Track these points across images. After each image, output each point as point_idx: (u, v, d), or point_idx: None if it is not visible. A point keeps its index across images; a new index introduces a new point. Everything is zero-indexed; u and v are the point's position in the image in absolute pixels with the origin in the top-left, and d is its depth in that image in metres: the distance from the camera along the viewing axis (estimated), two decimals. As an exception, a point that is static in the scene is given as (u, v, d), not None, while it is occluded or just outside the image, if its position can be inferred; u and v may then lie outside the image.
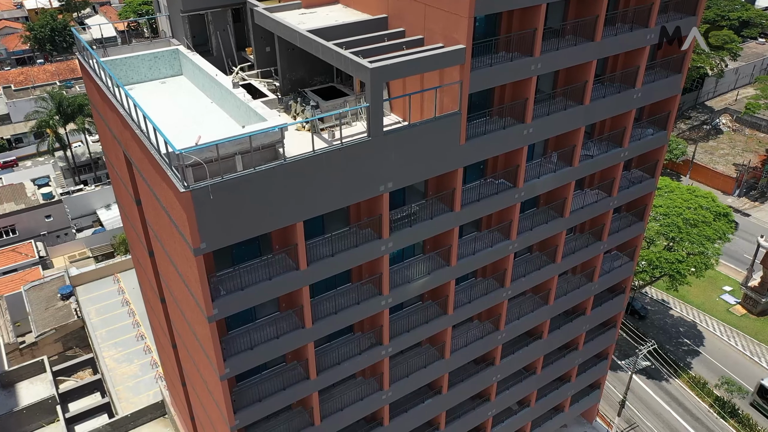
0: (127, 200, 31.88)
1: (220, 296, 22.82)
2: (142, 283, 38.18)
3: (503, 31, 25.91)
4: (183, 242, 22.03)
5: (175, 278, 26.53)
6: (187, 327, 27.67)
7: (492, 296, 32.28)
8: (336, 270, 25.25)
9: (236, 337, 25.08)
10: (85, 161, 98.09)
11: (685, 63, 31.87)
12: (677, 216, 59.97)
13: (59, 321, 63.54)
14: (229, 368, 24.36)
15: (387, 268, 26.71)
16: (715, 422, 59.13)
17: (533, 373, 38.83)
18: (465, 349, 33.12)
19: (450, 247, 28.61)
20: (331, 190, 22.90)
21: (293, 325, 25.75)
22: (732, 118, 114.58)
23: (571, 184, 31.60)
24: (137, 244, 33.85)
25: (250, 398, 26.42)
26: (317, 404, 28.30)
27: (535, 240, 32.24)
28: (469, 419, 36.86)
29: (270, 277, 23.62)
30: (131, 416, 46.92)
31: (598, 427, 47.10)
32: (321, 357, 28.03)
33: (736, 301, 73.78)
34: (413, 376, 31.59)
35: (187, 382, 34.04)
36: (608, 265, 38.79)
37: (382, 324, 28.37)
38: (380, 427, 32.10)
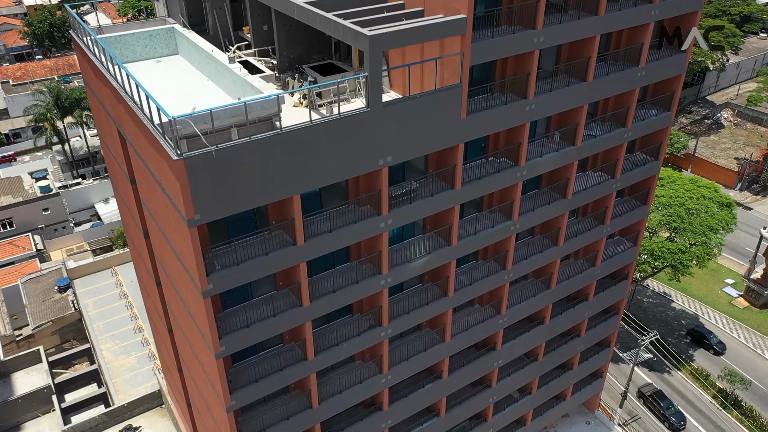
0: (122, 181, 31.34)
1: (215, 271, 22.27)
2: (138, 267, 37.64)
3: (505, 3, 25.36)
4: (177, 215, 21.49)
5: (170, 257, 25.99)
6: (182, 307, 27.12)
7: (493, 279, 31.73)
8: (334, 246, 24.70)
9: (232, 315, 24.53)
10: (84, 155, 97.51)
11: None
12: (679, 206, 59.41)
13: (56, 313, 63.02)
14: (225, 346, 23.81)
15: (386, 246, 26.16)
16: (717, 414, 58.58)
17: (535, 360, 38.28)
18: (466, 333, 32.57)
19: (450, 227, 28.06)
20: (328, 162, 22.35)
21: (290, 303, 25.19)
22: (733, 113, 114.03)
23: (573, 165, 31.05)
24: (133, 227, 33.31)
25: (246, 379, 25.88)
26: (315, 386, 27.75)
27: (537, 221, 31.70)
28: (470, 406, 36.31)
29: (266, 252, 23.07)
30: (128, 406, 46.38)
31: (600, 417, 46.54)
32: (319, 338, 27.47)
33: (738, 293, 73.23)
34: (413, 360, 31.03)
35: (184, 367, 33.49)
36: (611, 250, 38.25)
37: (381, 304, 27.82)
38: (380, 411, 31.53)
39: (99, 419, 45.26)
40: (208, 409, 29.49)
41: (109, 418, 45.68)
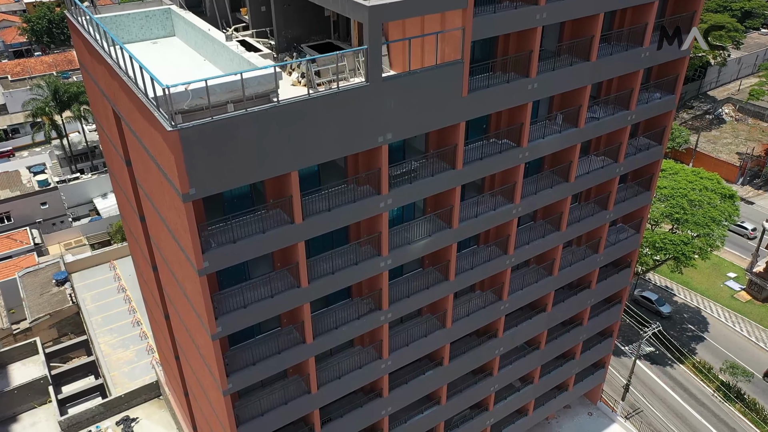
0: (118, 164, 30.86)
1: (210, 248, 21.78)
2: (135, 253, 37.17)
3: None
4: (172, 191, 21.01)
5: (165, 238, 25.50)
6: (178, 289, 26.64)
7: (495, 263, 31.24)
8: (333, 226, 24.20)
9: (228, 296, 24.04)
10: (82, 150, 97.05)
11: (694, 22, 30.83)
12: (682, 197, 58.93)
13: (54, 307, 62.55)
14: (221, 327, 23.32)
15: (386, 227, 25.67)
16: (720, 407, 58.11)
17: (537, 348, 37.78)
18: (467, 319, 32.07)
19: (451, 208, 27.57)
20: (327, 138, 21.87)
21: (288, 284, 24.70)
22: (735, 108, 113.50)
23: (576, 147, 30.58)
24: (129, 211, 32.84)
25: (243, 362, 25.39)
26: (314, 371, 27.25)
27: (539, 205, 31.22)
28: (471, 394, 35.81)
29: (263, 230, 22.58)
30: (125, 397, 45.88)
31: (602, 408, 46.04)
32: (318, 321, 26.98)
33: (740, 287, 72.78)
34: (413, 345, 30.54)
35: (181, 354, 32.99)
36: (614, 237, 37.76)
37: (381, 287, 27.32)
38: (379, 398, 31.04)
39: (96, 410, 44.76)
40: (205, 394, 28.99)
41: (106, 410, 45.19)
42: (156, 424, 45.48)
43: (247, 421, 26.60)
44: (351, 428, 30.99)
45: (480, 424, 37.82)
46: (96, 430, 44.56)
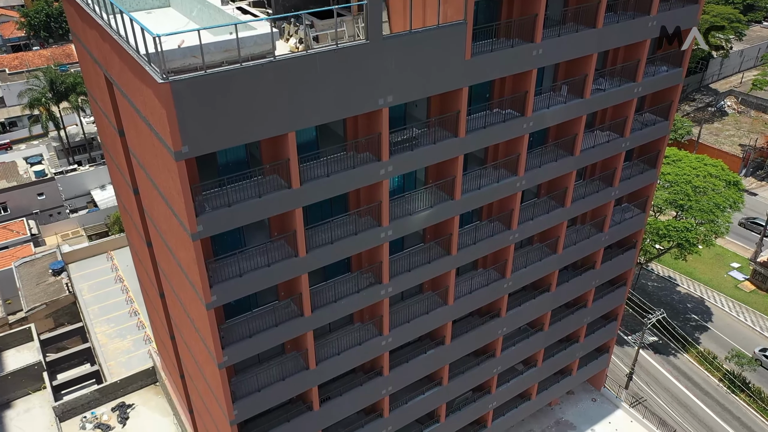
0: (111, 135, 30.09)
1: (204, 212, 21.00)
2: (129, 232, 36.40)
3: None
4: (164, 152, 20.23)
5: (159, 208, 24.73)
6: (173, 263, 25.86)
7: (498, 239, 30.47)
8: (331, 192, 23.42)
9: (223, 265, 23.25)
10: (80, 142, 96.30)
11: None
12: (686, 183, 58.14)
13: (50, 296, 61.83)
14: (216, 296, 22.54)
15: (387, 196, 24.88)
16: (726, 396, 57.35)
17: (540, 330, 37.00)
18: (469, 296, 31.29)
19: (453, 179, 26.79)
20: (325, 98, 21.09)
21: (286, 253, 23.92)
22: (737, 100, 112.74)
23: (581, 119, 29.81)
24: (123, 186, 32.07)
25: (239, 334, 24.59)
26: (312, 346, 26.45)
27: (543, 178, 30.44)
28: (473, 376, 35.01)
29: (260, 194, 21.80)
30: (121, 383, 45.07)
31: (606, 394, 45.25)
32: (316, 295, 26.21)
33: (744, 277, 72.04)
34: (415, 322, 29.75)
35: (176, 332, 32.20)
36: (619, 216, 37.00)
37: (381, 260, 26.54)
38: (380, 377, 30.24)
39: (91, 396, 43.96)
40: (201, 371, 28.19)
41: (102, 395, 44.39)
42: (152, 410, 44.69)
43: (243, 397, 25.81)
44: (351, 407, 30.22)
45: (482, 407, 37.03)
46: (91, 416, 43.77)
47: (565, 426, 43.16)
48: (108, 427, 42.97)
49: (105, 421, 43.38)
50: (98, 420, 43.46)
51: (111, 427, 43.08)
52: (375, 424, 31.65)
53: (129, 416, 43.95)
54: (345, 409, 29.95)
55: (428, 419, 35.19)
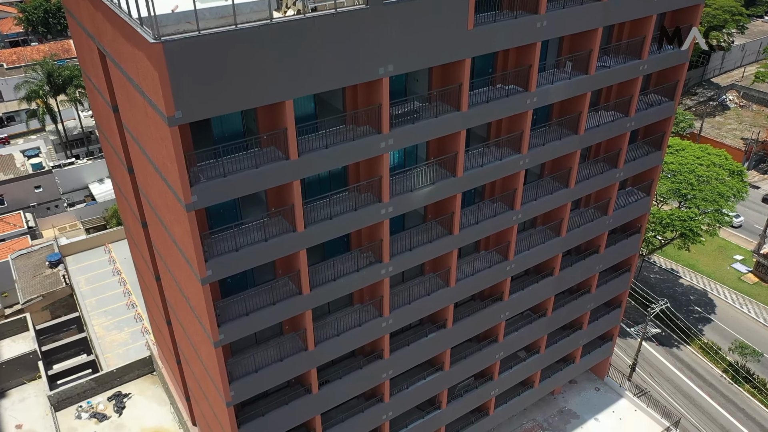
0: (105, 114, 29.45)
1: (199, 182, 20.36)
2: (124, 215, 35.76)
3: None
4: (157, 119, 19.58)
5: (154, 183, 24.09)
6: (168, 243, 25.22)
7: (501, 219, 29.83)
8: (330, 165, 22.80)
9: (220, 240, 22.61)
10: (77, 135, 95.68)
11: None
12: (689, 173, 57.52)
13: (47, 288, 61.18)
14: (211, 270, 21.88)
15: (387, 170, 24.24)
16: (729, 387, 56.73)
17: (543, 315, 36.34)
18: (472, 279, 30.64)
19: (456, 155, 26.15)
20: (323, 65, 20.43)
21: (283, 228, 23.27)
22: (739, 95, 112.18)
23: (586, 97, 29.17)
24: (117, 164, 31.45)
25: (235, 313, 23.93)
26: (311, 326, 25.78)
27: (547, 157, 29.80)
28: (476, 361, 34.35)
29: (256, 165, 21.16)
30: (117, 372, 44.39)
31: (609, 383, 44.59)
32: (315, 274, 25.55)
33: (747, 269, 71.46)
34: (416, 304, 29.10)
35: (172, 316, 31.55)
36: (623, 200, 36.37)
37: (382, 237, 25.88)
38: (380, 360, 29.57)
39: (87, 385, 43.26)
40: (197, 354, 27.54)
41: (98, 385, 43.69)
42: (149, 399, 44.01)
43: (240, 378, 25.15)
44: (350, 391, 29.57)
45: (484, 393, 36.37)
46: (87, 405, 43.08)
47: (568, 415, 42.50)
48: (104, 416, 42.30)
49: (101, 411, 42.71)
50: (94, 409, 42.79)
51: (107, 416, 42.41)
52: (375, 409, 30.98)
53: (125, 406, 43.27)
54: (345, 392, 29.30)
55: (429, 405, 34.52)
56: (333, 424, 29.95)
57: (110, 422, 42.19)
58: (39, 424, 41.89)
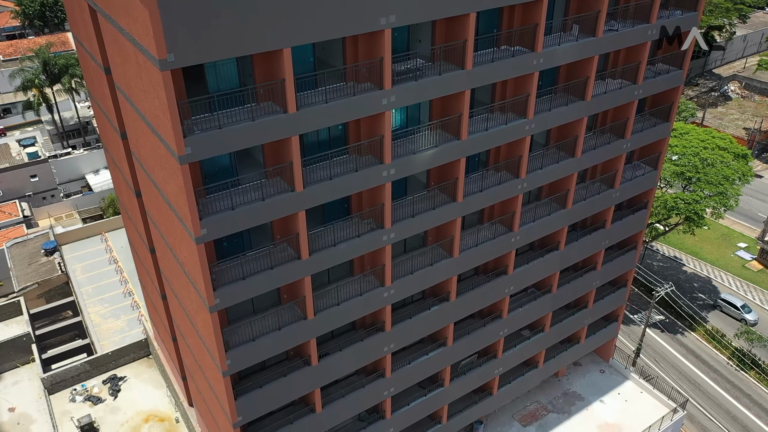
0: (98, 77, 28.55)
1: (193, 134, 19.47)
2: (118, 186, 34.89)
3: None
4: (149, 68, 18.70)
5: (146, 140, 23.20)
6: (161, 203, 24.33)
7: (505, 188, 28.95)
8: (330, 120, 21.89)
9: (215, 199, 21.72)
10: (74, 125, 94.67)
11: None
12: (694, 156, 56.67)
13: (42, 276, 60.29)
14: (206, 229, 20.99)
15: (389, 129, 23.36)
16: (735, 374, 55.89)
17: (548, 292, 35.45)
18: (475, 250, 29.76)
19: (460, 116, 25.27)
20: (323, 11, 19.56)
21: (281, 188, 22.39)
22: (741, 85, 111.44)
23: (593, 61, 28.30)
24: (110, 131, 30.54)
25: (231, 276, 23.03)
26: (310, 293, 24.88)
27: (552, 123, 28.93)
28: (479, 337, 33.45)
29: (252, 117, 20.29)
30: (112, 355, 43.48)
31: (615, 365, 43.71)
32: (315, 239, 24.67)
33: (752, 257, 70.69)
34: (418, 275, 28.21)
35: (167, 289, 30.64)
36: (630, 173, 35.50)
37: (383, 202, 25.00)
38: (381, 333, 28.67)
39: (81, 368, 42.34)
40: (193, 324, 26.63)
41: (92, 368, 42.77)
42: (145, 382, 43.10)
43: (236, 346, 24.25)
44: (351, 365, 28.65)
45: (488, 372, 35.47)
46: (81, 388, 42.16)
47: (573, 397, 41.63)
48: (99, 399, 41.38)
49: (96, 394, 41.80)
50: (89, 392, 41.87)
51: (102, 399, 41.49)
52: (376, 384, 30.08)
53: (120, 389, 42.36)
54: (345, 366, 28.38)
55: (432, 383, 33.62)
56: (333, 399, 29.07)
57: (105, 405, 41.29)
58: (32, 406, 40.98)
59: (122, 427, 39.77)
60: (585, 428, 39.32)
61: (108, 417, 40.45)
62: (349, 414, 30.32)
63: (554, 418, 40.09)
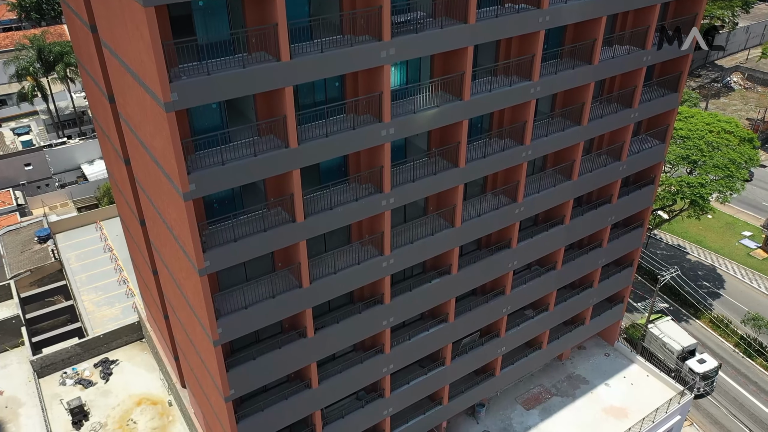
0: (84, 36, 27.43)
1: (180, 79, 18.34)
2: (107, 156, 33.79)
3: None
4: (133, 5, 17.57)
5: (132, 94, 22.06)
6: (148, 163, 23.21)
7: (509, 154, 27.82)
8: (325, 71, 20.75)
9: (205, 155, 20.59)
10: (69, 115, 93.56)
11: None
12: (699, 139, 55.53)
13: (35, 263, 59.16)
14: (195, 184, 19.85)
15: (388, 86, 22.24)
16: (741, 361, 54.79)
17: (553, 269, 34.32)
18: (478, 220, 28.63)
19: (463, 75, 24.14)
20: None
21: (274, 144, 21.26)
22: (743, 76, 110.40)
23: (600, 22, 27.16)
24: (98, 98, 29.45)
25: (223, 239, 21.89)
26: (305, 259, 23.73)
27: (559, 87, 27.82)
28: (481, 314, 32.30)
29: (243, 65, 19.16)
30: (104, 338, 42.34)
31: (620, 349, 42.59)
32: (311, 203, 23.54)
33: (757, 245, 69.62)
34: (418, 244, 27.07)
35: (157, 261, 29.51)
36: (637, 146, 34.38)
37: (382, 164, 23.87)
38: (380, 305, 27.52)
39: (72, 351, 41.20)
40: (183, 294, 25.49)
41: (84, 351, 41.63)
42: (137, 366, 41.95)
43: (228, 314, 23.11)
44: (348, 338, 27.52)
45: (490, 351, 34.33)
46: (72, 372, 41.01)
47: (577, 380, 40.50)
48: (90, 382, 40.23)
49: (87, 377, 40.66)
50: (79, 376, 40.73)
51: (93, 382, 40.35)
52: (375, 361, 28.92)
53: (112, 372, 41.23)
54: (342, 339, 27.23)
55: (431, 362, 32.48)
56: (330, 375, 27.93)
57: (96, 389, 40.14)
58: (21, 390, 39.82)
59: (114, 411, 38.63)
60: (590, 412, 38.19)
61: (99, 400, 39.30)
62: (346, 391, 29.19)
63: (558, 401, 38.96)
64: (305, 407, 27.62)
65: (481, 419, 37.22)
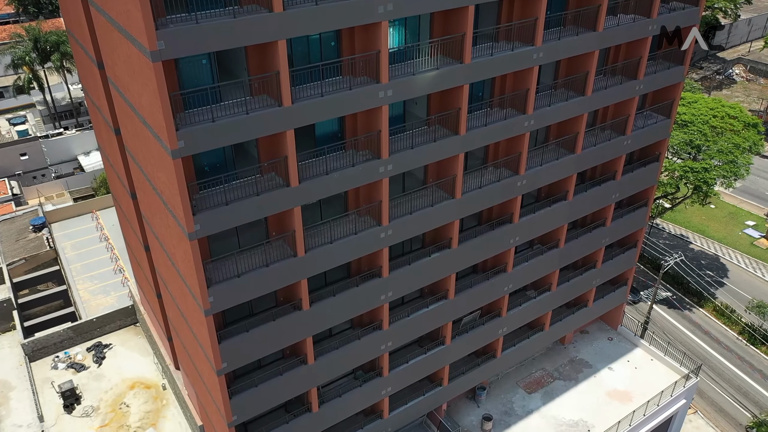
0: (77, 17, 26.64)
1: (167, 27, 17.50)
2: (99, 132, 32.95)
3: None
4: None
5: (120, 51, 21.24)
6: (138, 127, 22.38)
7: (511, 124, 26.99)
8: (321, 25, 19.93)
9: (194, 115, 19.74)
10: (66, 106, 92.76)
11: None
12: (703, 124, 54.71)
13: (30, 252, 58.37)
14: (184, 141, 19.01)
15: (386, 45, 21.41)
16: (745, 349, 53.99)
17: (555, 246, 33.48)
18: (479, 192, 27.80)
19: (463, 37, 23.31)
20: None
21: (267, 103, 20.43)
22: (746, 68, 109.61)
23: (606, -11, 26.38)
24: (89, 68, 28.63)
25: (214, 202, 21.06)
26: (300, 227, 22.88)
27: (563, 54, 26.99)
28: (482, 292, 31.45)
29: (234, 15, 18.33)
30: (97, 321, 41.49)
31: (623, 333, 41.75)
32: (306, 169, 22.73)
33: (760, 234, 68.86)
34: (417, 216, 26.23)
35: (149, 234, 28.67)
36: (642, 122, 33.57)
37: (380, 128, 23.04)
38: (378, 278, 26.67)
39: (64, 335, 40.35)
40: (173, 264, 24.65)
41: (76, 334, 40.78)
42: (131, 350, 41.11)
43: (219, 282, 22.27)
44: (345, 313, 26.64)
45: (492, 331, 33.49)
46: (64, 356, 40.17)
47: (580, 364, 39.65)
48: (82, 366, 39.39)
49: (79, 361, 39.81)
50: (72, 360, 39.89)
51: (85, 366, 39.51)
52: (373, 337, 28.09)
53: (105, 356, 40.37)
54: (338, 314, 26.34)
55: (431, 341, 31.63)
56: (326, 351, 27.09)
57: (89, 372, 39.31)
58: (12, 374, 38.97)
59: (106, 394, 37.80)
60: (593, 395, 37.35)
61: (91, 384, 38.47)
62: (344, 368, 28.36)
63: (561, 385, 38.11)
64: (301, 384, 26.78)
65: (482, 403, 36.39)
